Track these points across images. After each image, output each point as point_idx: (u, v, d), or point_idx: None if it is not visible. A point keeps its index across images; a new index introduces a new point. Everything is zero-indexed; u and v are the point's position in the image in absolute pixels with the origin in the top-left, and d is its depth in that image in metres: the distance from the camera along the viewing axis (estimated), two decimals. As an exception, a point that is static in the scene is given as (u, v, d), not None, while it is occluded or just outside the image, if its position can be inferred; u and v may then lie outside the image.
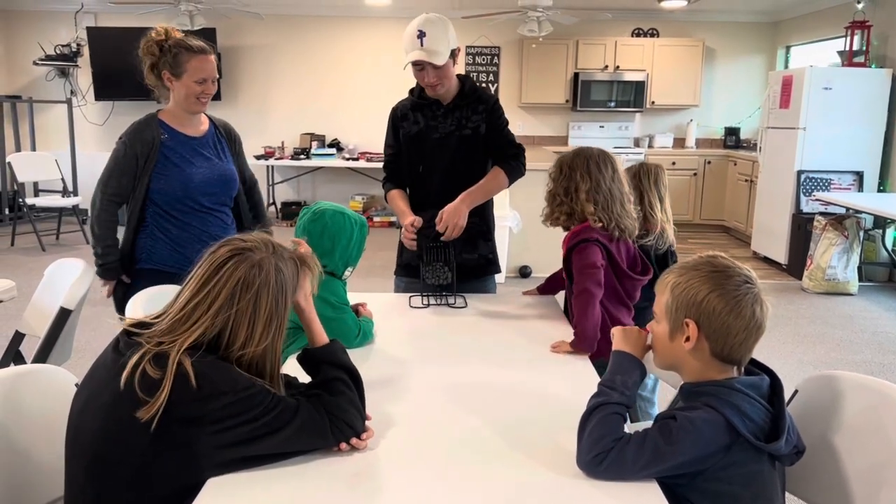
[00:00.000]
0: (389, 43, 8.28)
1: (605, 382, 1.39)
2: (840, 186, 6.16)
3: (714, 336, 1.29)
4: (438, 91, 2.38)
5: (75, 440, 1.27)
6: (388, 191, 2.56)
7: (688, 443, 1.22)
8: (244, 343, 1.28)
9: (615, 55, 8.22)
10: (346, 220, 1.97)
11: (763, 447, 1.22)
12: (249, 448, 1.24)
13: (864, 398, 1.42)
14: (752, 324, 1.28)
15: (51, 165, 7.24)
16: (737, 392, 1.26)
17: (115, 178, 2.35)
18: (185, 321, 1.26)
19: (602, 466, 1.25)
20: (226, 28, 8.10)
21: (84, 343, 3.88)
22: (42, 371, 1.55)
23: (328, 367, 1.40)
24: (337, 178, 8.69)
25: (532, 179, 2.90)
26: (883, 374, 3.92)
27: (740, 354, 1.30)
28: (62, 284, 2.30)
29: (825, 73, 6.05)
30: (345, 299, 1.97)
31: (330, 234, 1.93)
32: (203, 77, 2.32)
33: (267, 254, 1.32)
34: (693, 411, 1.26)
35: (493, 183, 2.44)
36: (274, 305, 1.30)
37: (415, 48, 2.29)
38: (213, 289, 1.27)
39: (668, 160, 8.01)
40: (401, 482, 1.27)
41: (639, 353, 1.43)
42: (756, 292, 1.30)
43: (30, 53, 8.18)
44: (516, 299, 2.47)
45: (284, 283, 1.32)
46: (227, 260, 1.28)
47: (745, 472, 1.24)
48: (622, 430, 1.30)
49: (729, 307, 1.27)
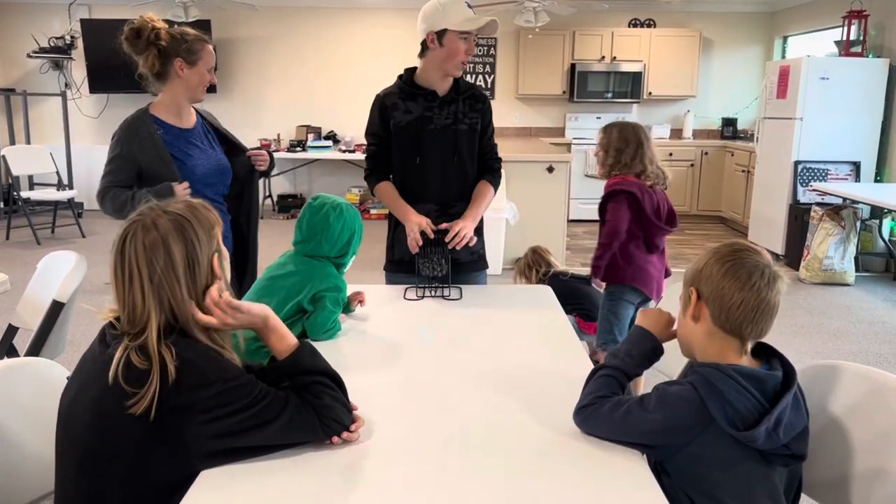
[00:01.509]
0: (386, 34, 8.26)
1: (612, 351, 1.50)
2: (837, 176, 6.15)
3: (711, 300, 1.32)
4: (465, 65, 2.38)
5: (66, 433, 1.26)
6: (375, 184, 2.50)
7: (658, 413, 1.28)
8: (198, 302, 1.27)
9: (612, 46, 8.20)
10: (356, 213, 2.05)
11: (733, 433, 1.22)
12: (239, 439, 1.23)
13: (861, 387, 1.41)
14: (748, 287, 1.29)
15: (46, 159, 7.21)
16: (728, 378, 1.26)
17: (114, 174, 2.32)
18: (133, 309, 1.24)
19: (580, 417, 1.38)
20: (220, 20, 8.06)
21: (79, 336, 3.87)
22: (33, 364, 1.54)
23: (303, 376, 1.36)
24: (333, 171, 8.67)
25: (529, 171, 2.90)
26: (880, 364, 3.93)
27: (739, 323, 1.30)
28: (55, 277, 2.29)
29: (822, 63, 6.04)
30: (344, 296, 2.03)
31: (349, 227, 2.00)
32: (212, 66, 2.39)
33: (151, 213, 1.28)
34: (675, 386, 1.31)
35: (488, 199, 2.52)
36: (191, 253, 1.27)
37: (467, 14, 2.30)
38: (129, 265, 1.25)
39: (665, 151, 7.99)
40: (394, 474, 1.26)
41: (656, 329, 1.49)
42: (761, 266, 1.30)
43: (23, 46, 8.13)
44: (510, 291, 2.47)
45: (190, 234, 1.28)
46: (126, 235, 1.26)
47: (724, 458, 1.25)
48: (610, 389, 1.39)
49: (724, 269, 1.31)
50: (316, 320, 1.90)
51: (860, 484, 1.36)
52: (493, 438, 1.39)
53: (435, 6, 2.32)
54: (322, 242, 1.96)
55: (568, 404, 1.44)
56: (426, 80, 2.40)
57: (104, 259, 4.01)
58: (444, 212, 2.47)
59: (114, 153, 2.33)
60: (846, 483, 1.39)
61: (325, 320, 1.91)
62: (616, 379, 1.42)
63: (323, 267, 1.97)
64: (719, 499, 1.26)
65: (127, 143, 2.31)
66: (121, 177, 2.32)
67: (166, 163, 2.32)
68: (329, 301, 1.93)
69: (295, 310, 1.90)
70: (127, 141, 2.31)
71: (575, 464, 1.29)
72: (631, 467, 1.28)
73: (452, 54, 2.33)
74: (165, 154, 2.33)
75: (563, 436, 1.40)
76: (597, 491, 1.21)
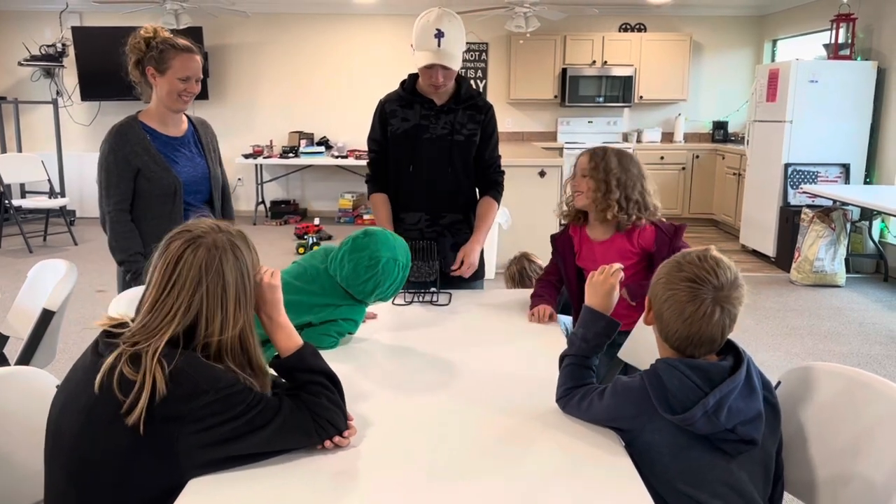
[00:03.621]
0: (377, 40, 8.27)
1: (570, 336, 1.62)
2: (827, 179, 6.18)
3: (657, 318, 1.40)
4: (440, 91, 2.33)
5: (55, 442, 1.26)
6: (372, 193, 2.50)
7: (611, 401, 1.41)
8: (221, 327, 1.27)
9: (603, 50, 8.23)
10: (396, 267, 1.94)
11: (669, 417, 1.29)
12: (231, 447, 1.23)
13: (841, 386, 1.43)
14: (681, 320, 1.33)
15: (37, 167, 7.19)
16: (673, 369, 1.32)
17: (114, 187, 2.31)
18: (158, 317, 1.25)
19: (560, 405, 1.53)
20: (212, 27, 8.06)
21: (70, 345, 3.86)
22: (22, 373, 1.53)
23: (301, 373, 1.39)
24: (326, 177, 8.67)
25: (521, 176, 2.90)
26: (869, 365, 3.95)
27: (678, 344, 1.36)
28: (46, 286, 2.28)
29: (811, 67, 6.08)
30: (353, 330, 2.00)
31: (377, 278, 1.90)
32: (187, 75, 2.31)
33: (217, 234, 1.31)
34: (629, 378, 1.42)
35: (492, 218, 2.51)
36: (240, 279, 1.30)
37: (430, 48, 2.21)
38: (178, 279, 1.26)
39: (656, 155, 8.04)
40: (385, 480, 1.26)
41: (602, 304, 1.58)
42: (702, 294, 1.32)
43: (15, 54, 8.12)
44: (500, 295, 2.47)
45: (244, 257, 1.32)
46: (184, 250, 1.28)
47: (672, 444, 1.32)
48: (575, 379, 1.53)
49: (666, 295, 1.36)
50: (314, 335, 1.88)
51: (845, 482, 1.37)
52: (482, 443, 1.39)
53: (414, 27, 2.28)
54: (349, 286, 1.93)
55: (556, 407, 1.51)
56: (425, 89, 2.39)
57: (96, 267, 4.03)
58: (434, 221, 2.47)
59: (107, 163, 2.31)
60: (831, 481, 1.40)
61: (322, 342, 1.89)
62: (578, 366, 1.55)
63: (351, 304, 1.94)
64: (672, 485, 1.32)
65: (120, 149, 2.30)
66: (123, 189, 2.31)
67: (161, 166, 2.33)
68: (336, 331, 1.92)
69: (304, 323, 1.88)
70: (120, 147, 2.30)
71: (571, 472, 1.30)
72: (616, 462, 1.30)
73: (424, 77, 2.33)
74: (158, 157, 2.33)
75: (552, 438, 1.41)
76: (587, 494, 1.22)
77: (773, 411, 1.40)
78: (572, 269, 2.30)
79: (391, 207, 2.50)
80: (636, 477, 1.26)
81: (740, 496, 1.31)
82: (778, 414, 1.41)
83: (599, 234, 2.22)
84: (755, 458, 1.35)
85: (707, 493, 1.30)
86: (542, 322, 2.14)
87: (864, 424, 1.37)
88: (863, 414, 1.38)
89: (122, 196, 2.32)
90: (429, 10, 2.25)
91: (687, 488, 1.31)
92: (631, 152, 2.26)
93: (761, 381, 1.38)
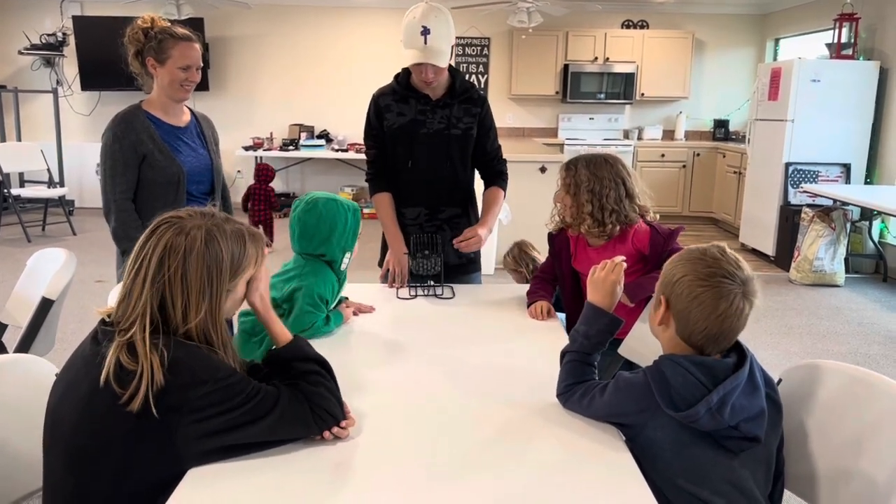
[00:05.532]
0: (378, 32, 8.24)
1: (572, 333, 1.60)
2: (827, 178, 6.18)
3: (678, 316, 1.36)
4: (433, 86, 2.31)
5: (53, 431, 1.25)
6: (375, 193, 2.48)
7: (614, 397, 1.40)
8: (184, 314, 1.25)
9: (605, 47, 8.21)
10: (339, 207, 1.99)
11: (672, 413, 1.28)
12: (230, 437, 1.23)
13: (842, 384, 1.43)
14: (714, 316, 1.30)
15: (36, 156, 7.17)
16: (677, 365, 1.31)
17: (120, 175, 2.28)
18: (130, 303, 1.24)
19: (561, 401, 1.51)
20: (213, 18, 8.03)
21: (69, 333, 3.85)
22: (22, 361, 1.53)
23: (298, 363, 1.39)
24: (326, 170, 8.66)
25: (521, 172, 2.90)
26: (868, 364, 3.95)
27: (702, 343, 1.34)
28: (45, 275, 2.27)
29: (813, 66, 6.07)
30: (327, 297, 1.95)
31: (325, 221, 1.95)
32: (187, 64, 2.29)
33: (200, 223, 1.29)
34: (632, 374, 1.39)
35: (499, 205, 2.53)
36: (206, 275, 1.26)
37: (417, 45, 2.18)
38: (143, 258, 1.25)
39: (657, 152, 8.03)
40: (384, 473, 1.26)
41: (605, 301, 1.56)
42: (733, 294, 1.31)
43: (15, 43, 8.08)
44: (502, 289, 2.47)
45: (218, 254, 1.28)
46: (156, 228, 1.28)
47: (674, 440, 1.31)
48: (576, 376, 1.51)
49: (695, 294, 1.32)
50: (291, 321, 1.86)
51: (846, 479, 1.37)
52: (482, 437, 1.39)
53: (402, 24, 2.26)
54: (297, 240, 1.96)
55: (557, 402, 1.51)
56: (418, 85, 2.37)
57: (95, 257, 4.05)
58: (433, 216, 2.47)
59: (113, 151, 2.27)
60: (832, 479, 1.40)
61: (302, 321, 1.87)
62: (580, 362, 1.53)
63: (308, 265, 1.94)
64: (673, 482, 1.31)
65: (126, 136, 2.27)
66: (129, 178, 2.29)
67: (165, 154, 2.31)
68: (303, 300, 1.88)
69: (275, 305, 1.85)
70: (126, 134, 2.27)
71: (570, 467, 1.29)
72: (617, 458, 1.29)
73: (415, 73, 2.31)
74: (163, 145, 2.31)
75: (553, 433, 1.41)
76: (587, 491, 1.22)
77: (776, 408, 1.39)
78: (568, 269, 2.30)
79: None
80: (637, 473, 1.26)
81: (742, 494, 1.31)
82: (780, 411, 1.41)
83: (595, 240, 2.22)
84: (757, 456, 1.34)
85: (709, 490, 1.29)
86: (541, 318, 2.14)
87: (866, 422, 1.37)
88: (864, 412, 1.38)
89: (128, 184, 2.30)
90: (416, 6, 2.23)
91: (689, 485, 1.30)
92: (607, 153, 2.24)
93: (764, 379, 1.38)
